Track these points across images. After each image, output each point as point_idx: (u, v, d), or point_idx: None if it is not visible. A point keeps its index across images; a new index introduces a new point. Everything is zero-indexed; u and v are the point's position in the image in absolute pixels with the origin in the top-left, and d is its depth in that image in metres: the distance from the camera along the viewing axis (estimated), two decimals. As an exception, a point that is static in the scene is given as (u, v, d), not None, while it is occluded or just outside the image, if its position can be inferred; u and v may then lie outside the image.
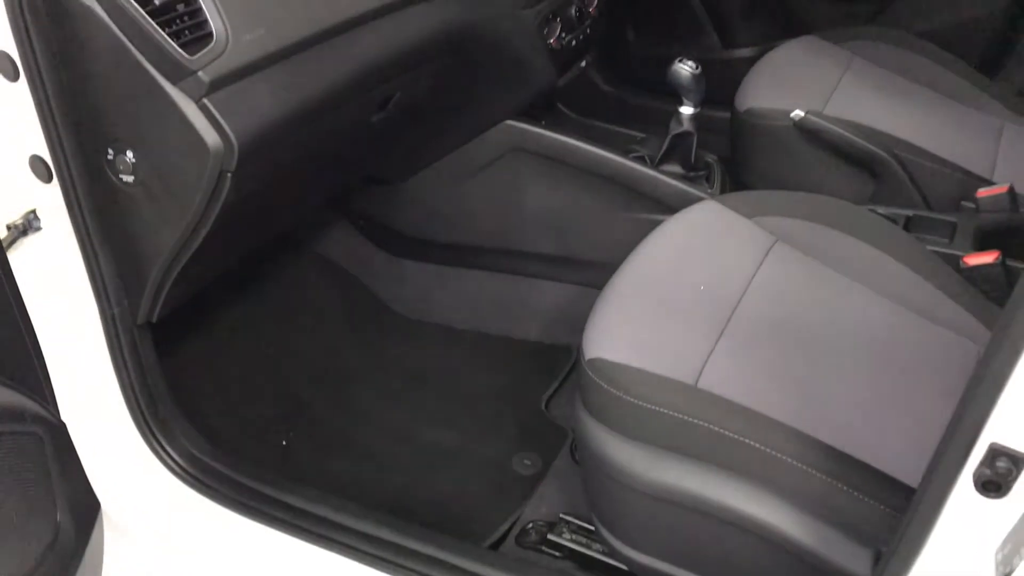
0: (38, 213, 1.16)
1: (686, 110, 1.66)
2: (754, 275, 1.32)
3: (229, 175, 1.09)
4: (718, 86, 2.07)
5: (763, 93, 1.77)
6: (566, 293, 1.79)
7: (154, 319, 1.24)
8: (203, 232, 1.15)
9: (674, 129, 1.67)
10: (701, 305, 1.26)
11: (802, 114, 1.63)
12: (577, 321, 1.30)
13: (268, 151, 1.14)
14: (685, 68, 1.62)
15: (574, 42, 1.66)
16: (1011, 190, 1.54)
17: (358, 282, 1.93)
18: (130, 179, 1.11)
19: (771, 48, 2.15)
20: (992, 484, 0.75)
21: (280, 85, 1.13)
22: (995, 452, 0.74)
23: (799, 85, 1.79)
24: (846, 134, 1.60)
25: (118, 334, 1.21)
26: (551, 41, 1.59)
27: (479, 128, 1.64)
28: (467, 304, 1.87)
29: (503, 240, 1.77)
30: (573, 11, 1.64)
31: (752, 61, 2.01)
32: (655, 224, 1.54)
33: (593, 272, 1.76)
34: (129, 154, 1.10)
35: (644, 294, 1.27)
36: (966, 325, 1.29)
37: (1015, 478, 0.74)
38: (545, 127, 1.65)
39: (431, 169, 1.72)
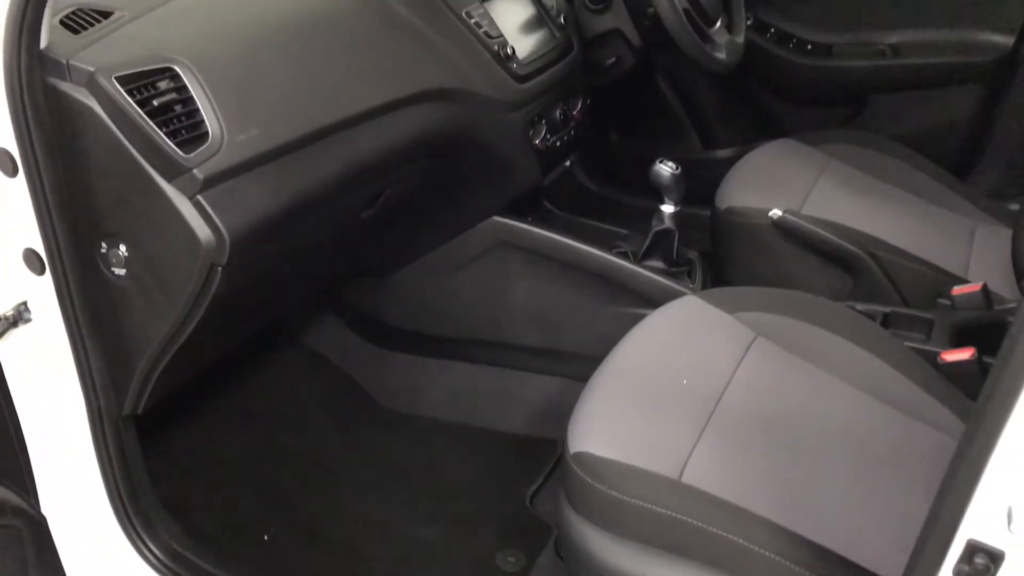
0: (29, 305, 1.18)
1: (667, 208, 1.71)
2: (736, 370, 1.34)
3: (220, 269, 1.11)
4: (699, 185, 2.13)
5: (743, 193, 1.82)
6: (552, 386, 1.80)
7: (139, 411, 1.25)
8: (192, 324, 1.16)
9: (656, 226, 1.71)
10: (684, 399, 1.27)
11: (780, 213, 1.68)
12: (562, 414, 1.31)
13: (259, 246, 1.16)
14: (666, 168, 1.67)
15: (559, 143, 1.71)
16: (985, 288, 1.58)
17: (344, 374, 1.93)
18: (122, 272, 1.13)
19: (749, 149, 2.22)
20: None
21: (272, 183, 1.16)
22: (973, 548, 0.75)
23: (777, 185, 1.84)
24: (823, 233, 1.65)
25: (103, 426, 1.22)
26: (536, 142, 1.64)
27: (467, 224, 1.68)
28: (454, 396, 1.88)
29: (490, 333, 1.79)
30: (558, 114, 1.70)
31: (731, 161, 2.07)
32: (638, 318, 1.57)
33: (578, 365, 1.77)
34: (122, 248, 1.12)
35: (628, 387, 1.29)
36: (945, 421, 1.31)
37: (993, 574, 0.75)
38: (531, 223, 1.69)
39: (419, 262, 1.75)
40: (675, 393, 1.28)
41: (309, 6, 1.30)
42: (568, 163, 1.83)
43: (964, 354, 1.43)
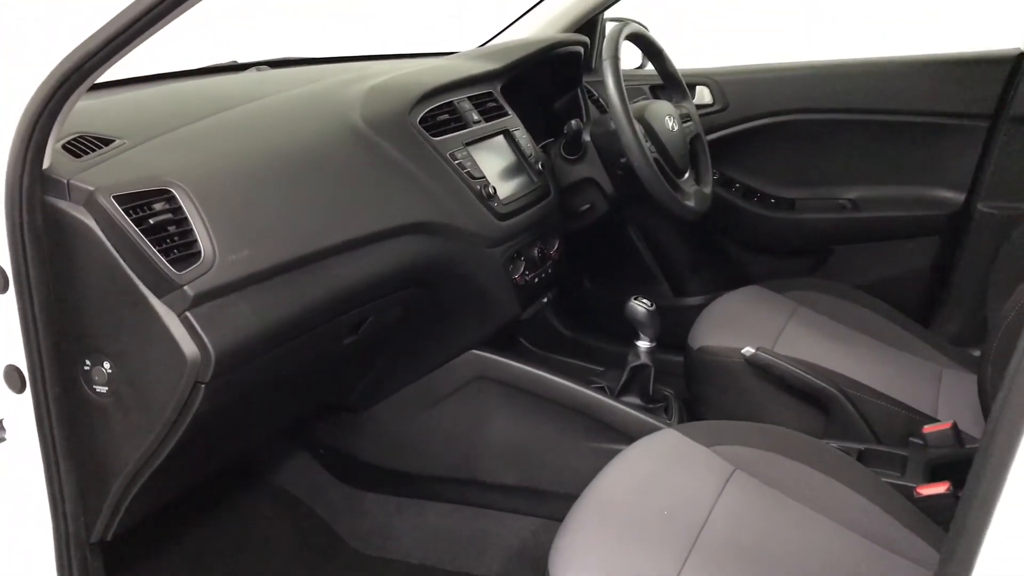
0: (4, 423, 1.16)
1: (643, 344, 1.74)
2: (715, 503, 1.34)
3: (203, 386, 1.12)
4: (669, 331, 2.18)
5: (715, 333, 1.86)
6: (529, 527, 1.77)
7: (108, 537, 1.21)
8: (170, 444, 1.15)
9: (632, 362, 1.74)
10: (665, 531, 1.26)
11: (752, 350, 1.71)
12: (540, 557, 1.28)
13: (243, 366, 1.17)
14: (640, 305, 1.72)
15: (536, 280, 1.76)
16: (955, 427, 1.61)
17: (314, 514, 1.89)
18: (104, 389, 1.13)
19: (718, 296, 2.29)
20: None
21: (260, 303, 1.18)
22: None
23: (748, 327, 1.89)
24: (795, 370, 1.68)
25: (69, 552, 1.18)
26: (515, 277, 1.69)
27: (446, 356, 1.70)
28: (427, 538, 1.84)
29: (466, 470, 1.77)
30: (536, 252, 1.76)
31: (700, 308, 2.13)
32: (616, 453, 1.57)
33: (556, 504, 1.75)
34: (106, 364, 1.12)
35: (609, 519, 1.28)
36: (924, 555, 1.31)
37: None
38: (509, 357, 1.71)
39: (395, 397, 1.75)
40: (656, 525, 1.27)
41: (303, 139, 1.36)
42: (545, 300, 1.87)
43: (939, 488, 1.44)
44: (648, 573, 1.18)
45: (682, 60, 2.14)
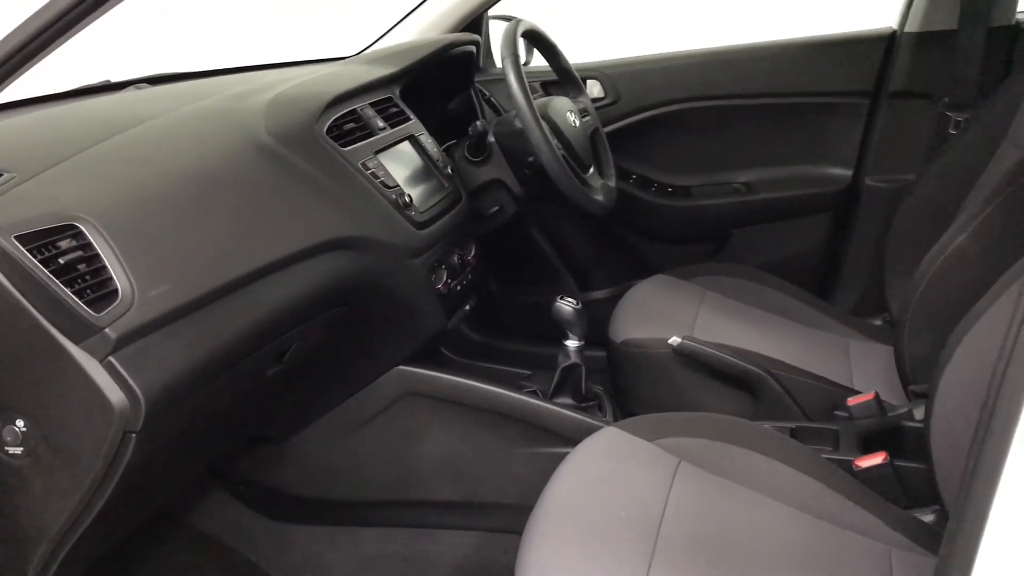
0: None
1: (572, 343, 1.72)
2: (668, 498, 1.33)
3: (133, 436, 1.02)
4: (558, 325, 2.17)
5: (635, 325, 1.86)
6: (470, 541, 1.72)
7: (31, 611, 1.10)
8: (98, 504, 1.05)
9: (562, 362, 1.71)
10: (626, 535, 1.24)
11: (679, 340, 1.72)
12: (483, 570, 1.23)
13: (173, 409, 1.08)
14: (567, 305, 1.69)
15: (459, 287, 1.71)
16: (877, 397, 1.66)
17: (239, 555, 1.78)
18: (18, 451, 1.02)
19: (624, 288, 2.30)
20: None
21: (186, 339, 1.09)
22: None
23: (664, 316, 1.90)
24: (723, 356, 1.69)
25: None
26: (439, 287, 1.64)
27: (372, 375, 1.63)
28: (363, 566, 1.75)
29: (400, 491, 1.70)
30: (455, 259, 1.71)
31: (608, 301, 2.13)
32: (556, 457, 1.53)
33: (497, 516, 1.71)
34: (19, 423, 1.01)
35: (570, 529, 1.24)
36: (871, 526, 1.34)
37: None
38: (435, 370, 1.66)
39: (318, 423, 1.67)
40: (616, 528, 1.25)
41: (209, 160, 1.27)
42: (468, 307, 1.82)
43: (877, 459, 1.48)
44: (619, 579, 1.16)
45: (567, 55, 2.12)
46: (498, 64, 2.50)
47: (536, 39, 1.97)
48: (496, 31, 2.42)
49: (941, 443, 1.34)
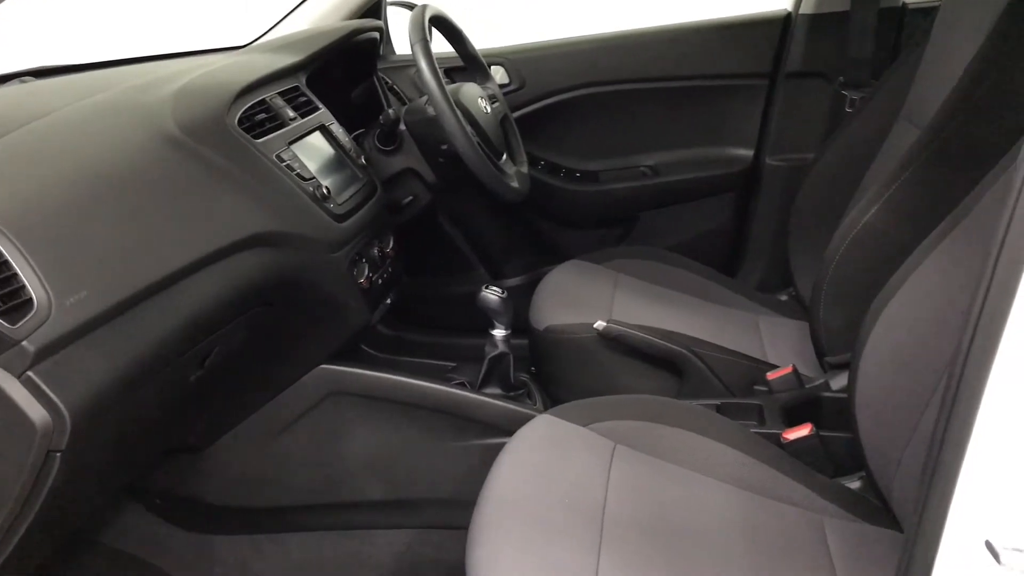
0: None
1: (499, 333, 1.70)
2: (608, 483, 1.33)
3: (58, 455, 0.94)
4: (484, 314, 2.15)
5: (555, 311, 1.86)
6: (402, 540, 1.68)
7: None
8: (20, 530, 0.97)
9: (489, 352, 1.69)
10: (572, 523, 1.24)
11: (604, 324, 1.72)
12: (418, 568, 1.20)
13: (98, 424, 1.00)
14: (492, 294, 1.67)
15: (380, 280, 1.67)
16: (795, 370, 1.70)
17: (159, 571, 1.69)
18: (-73, 479, 0.93)
19: (536, 276, 2.30)
20: None
21: (108, 348, 1.02)
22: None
23: (583, 301, 1.90)
24: (648, 337, 1.71)
25: None
26: (361, 281, 1.59)
27: (295, 375, 1.57)
28: (291, 573, 1.69)
29: (328, 494, 1.65)
30: (375, 251, 1.66)
31: (520, 289, 2.12)
32: (488, 449, 1.52)
33: (429, 512, 1.68)
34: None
35: (515, 522, 1.23)
36: (804, 497, 1.37)
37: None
38: (359, 367, 1.61)
39: (239, 428, 1.60)
40: (562, 517, 1.24)
41: (117, 156, 1.19)
42: (389, 301, 1.78)
43: (804, 431, 1.52)
44: (570, 569, 1.15)
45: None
46: (398, 51, 2.45)
47: (441, 24, 1.94)
48: (396, 18, 2.37)
49: (865, 412, 1.39)
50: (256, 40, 2.12)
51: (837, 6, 2.15)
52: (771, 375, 1.71)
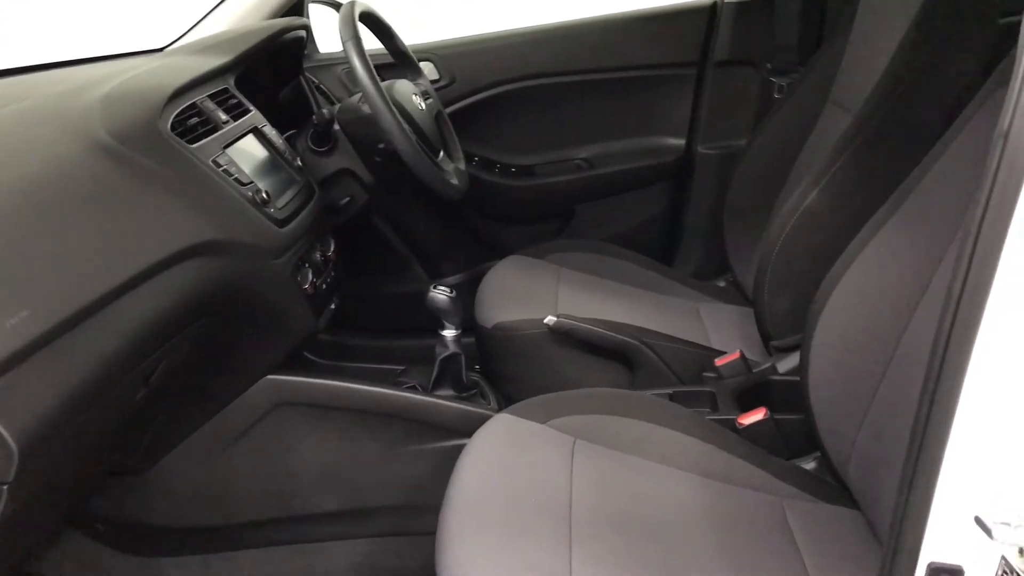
0: None
1: (449, 333, 1.68)
2: (571, 479, 1.32)
3: (5, 488, 0.89)
4: (431, 314, 2.12)
5: (502, 308, 1.84)
6: (358, 550, 1.64)
7: None
8: (-35, 570, 0.91)
9: (441, 353, 1.66)
10: (540, 523, 1.22)
11: (555, 319, 1.71)
12: None
13: (46, 451, 0.94)
14: (441, 294, 1.65)
15: (324, 286, 1.62)
16: (742, 355, 1.72)
17: (103, 600, 1.62)
18: None
19: (476, 273, 2.27)
20: None
21: (52, 371, 0.96)
22: (935, 572, 0.77)
23: (527, 297, 1.89)
24: (600, 330, 1.70)
25: None
26: (306, 287, 1.54)
27: (239, 389, 1.51)
28: (244, 591, 1.64)
29: (279, 508, 1.60)
30: (318, 256, 1.62)
31: (461, 286, 2.09)
32: (445, 452, 1.49)
33: (384, 520, 1.64)
34: None
35: (484, 525, 1.21)
36: (762, 481, 1.39)
37: (958, 588, 0.78)
38: (305, 375, 1.56)
39: (183, 446, 1.53)
40: (529, 517, 1.23)
41: (47, 167, 1.12)
42: (333, 306, 1.73)
43: (758, 415, 1.53)
44: (543, 568, 1.13)
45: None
46: (322, 50, 2.40)
47: (370, 21, 1.90)
48: (317, 16, 2.32)
49: (818, 393, 1.41)
50: (174, 42, 2.04)
51: (762, -7, 2.19)
52: (719, 361, 1.72)
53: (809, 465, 1.51)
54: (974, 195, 0.70)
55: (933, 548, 0.77)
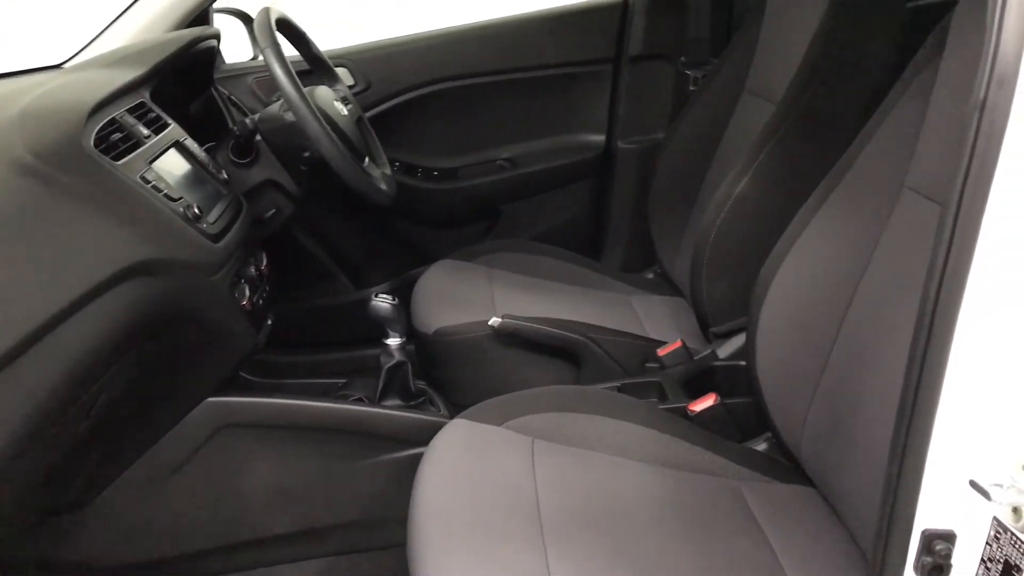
0: None
1: (394, 341, 1.64)
2: (535, 479, 1.31)
3: None
4: (361, 324, 2.08)
5: (441, 314, 1.81)
6: (313, 570, 1.59)
7: None
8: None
9: (386, 363, 1.63)
10: (512, 527, 1.21)
11: (500, 320, 1.69)
12: None
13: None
14: (384, 302, 1.61)
15: (261, 301, 1.57)
16: (684, 344, 1.74)
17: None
18: None
19: (405, 280, 2.24)
20: (936, 569, 0.80)
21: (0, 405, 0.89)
22: (930, 538, 0.79)
23: (464, 300, 1.87)
24: (545, 328, 1.70)
25: None
26: (244, 303, 1.48)
27: (180, 414, 1.44)
28: (194, 625, 1.57)
29: (229, 534, 1.54)
30: (252, 270, 1.56)
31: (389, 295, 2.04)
32: (399, 463, 1.46)
33: (338, 538, 1.60)
34: None
35: (455, 534, 1.19)
36: (719, 466, 1.41)
37: (952, 555, 0.80)
38: (248, 395, 1.51)
39: (122, 478, 1.46)
40: (500, 522, 1.21)
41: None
42: (270, 321, 1.67)
43: (709, 401, 1.55)
44: (522, 570, 1.12)
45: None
46: (229, 60, 2.32)
47: (285, 27, 1.84)
48: (223, 26, 2.24)
49: (767, 376, 1.43)
50: (74, 57, 1.94)
51: (673, -12, 2.22)
52: (661, 351, 1.74)
53: (760, 446, 1.54)
54: (954, 166, 0.72)
55: (926, 515, 0.79)
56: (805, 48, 1.67)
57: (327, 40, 2.29)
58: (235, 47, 2.34)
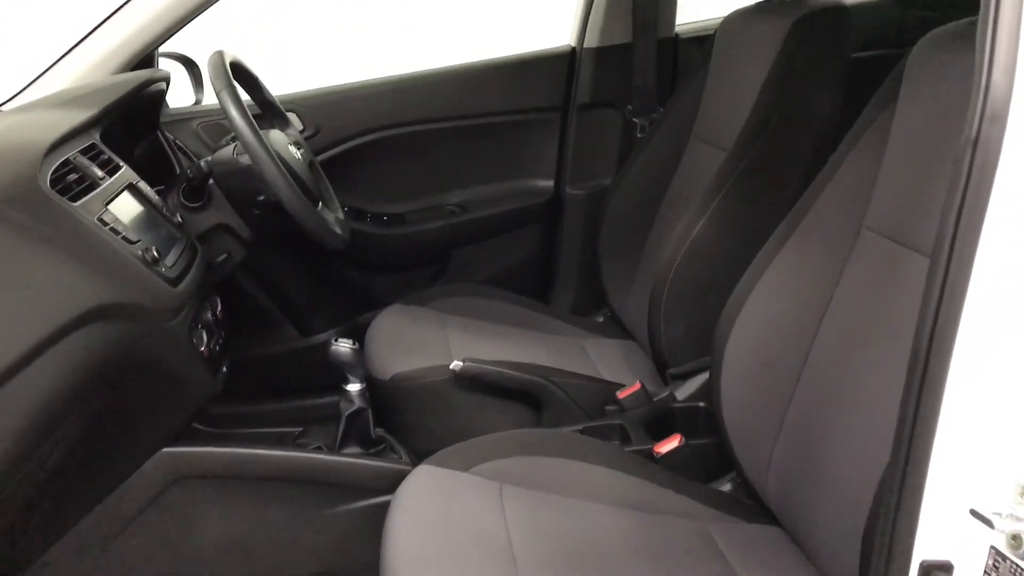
0: None
1: (354, 387, 1.61)
2: (507, 525, 1.29)
3: None
4: (306, 373, 2.04)
5: (397, 359, 1.79)
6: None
7: None
8: None
9: (346, 409, 1.59)
10: (486, 567, 1.19)
11: (461, 363, 1.68)
12: None
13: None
14: (344, 346, 1.58)
15: (217, 347, 1.52)
16: (643, 386, 1.75)
17: None
18: None
19: (354, 327, 2.21)
20: None
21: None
22: (927, 569, 0.80)
23: (419, 345, 1.85)
24: (507, 371, 1.68)
25: None
26: (202, 349, 1.44)
27: (134, 465, 1.38)
28: None
29: (183, 591, 1.47)
30: (209, 315, 1.52)
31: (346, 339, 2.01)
32: (362, 512, 1.43)
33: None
34: None
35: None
36: (687, 507, 1.41)
37: (950, 584, 0.81)
38: (203, 445, 1.45)
39: (71, 534, 1.38)
40: (474, 566, 1.19)
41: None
42: (225, 368, 1.61)
43: (673, 442, 1.56)
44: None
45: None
46: (172, 105, 2.28)
47: (238, 71, 1.82)
48: (169, 69, 2.21)
49: (732, 416, 1.45)
50: (13, 98, 1.89)
51: (618, 39, 2.27)
52: (621, 394, 1.74)
53: (725, 487, 1.55)
54: (945, 201, 0.74)
55: (924, 546, 0.80)
56: (753, 97, 1.72)
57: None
58: (180, 92, 2.30)
